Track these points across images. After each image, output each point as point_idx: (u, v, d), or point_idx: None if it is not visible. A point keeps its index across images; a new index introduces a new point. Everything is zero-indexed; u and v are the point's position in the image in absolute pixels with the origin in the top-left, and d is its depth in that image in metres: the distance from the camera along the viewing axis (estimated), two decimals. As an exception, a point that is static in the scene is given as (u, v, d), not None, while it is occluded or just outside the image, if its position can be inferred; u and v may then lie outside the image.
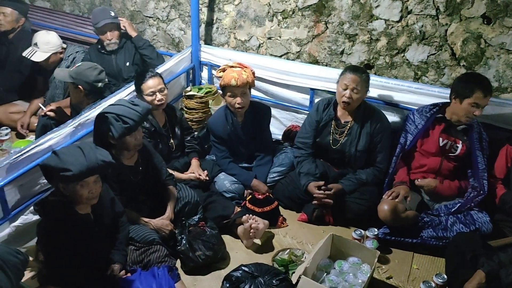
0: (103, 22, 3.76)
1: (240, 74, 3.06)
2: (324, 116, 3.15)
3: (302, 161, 3.20)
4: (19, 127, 3.94)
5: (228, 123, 3.25)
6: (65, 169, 2.07)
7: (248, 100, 3.20)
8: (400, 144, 3.03)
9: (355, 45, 3.50)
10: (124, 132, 2.50)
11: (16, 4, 4.12)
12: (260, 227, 2.86)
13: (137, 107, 2.57)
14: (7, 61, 4.21)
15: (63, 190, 2.18)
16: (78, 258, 2.28)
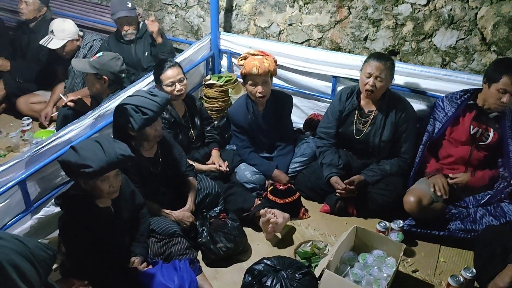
0: (119, 14, 3.75)
1: (262, 62, 2.99)
2: (347, 105, 3.06)
3: (325, 152, 3.13)
4: (43, 118, 3.95)
5: (249, 112, 3.20)
6: (85, 166, 2.05)
7: (270, 89, 3.13)
8: (427, 132, 2.93)
9: (379, 31, 3.38)
10: (144, 123, 2.47)
11: None
12: (279, 222, 2.81)
13: (156, 97, 2.53)
14: (27, 50, 4.22)
15: (84, 185, 2.16)
16: (99, 251, 2.27)
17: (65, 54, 3.86)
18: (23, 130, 3.87)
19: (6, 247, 1.35)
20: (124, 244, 2.44)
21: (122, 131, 2.57)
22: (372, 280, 2.41)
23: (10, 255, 1.34)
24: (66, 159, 2.11)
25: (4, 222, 2.40)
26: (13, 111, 4.19)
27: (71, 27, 3.83)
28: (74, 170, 2.09)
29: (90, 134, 2.74)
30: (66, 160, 2.11)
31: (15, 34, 4.38)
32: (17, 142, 3.76)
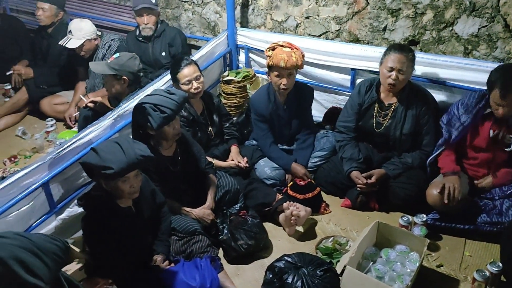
0: (141, 5, 3.79)
1: (290, 55, 2.97)
2: (367, 98, 3.01)
3: (345, 146, 3.09)
4: (68, 120, 4.02)
5: (270, 101, 3.19)
6: (105, 167, 2.07)
7: (294, 82, 3.12)
8: (444, 137, 2.81)
9: (398, 21, 3.31)
10: (163, 122, 2.48)
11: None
12: (301, 214, 2.80)
13: (174, 96, 2.54)
14: (48, 55, 4.31)
15: (105, 186, 2.19)
16: (122, 250, 2.31)
17: (84, 54, 3.91)
18: (47, 131, 3.95)
19: (9, 244, 1.41)
20: (146, 243, 2.46)
21: (141, 131, 2.59)
22: (395, 276, 2.38)
23: (13, 250, 1.39)
24: (87, 161, 2.15)
25: (30, 223, 2.46)
26: (37, 113, 4.28)
27: (89, 27, 3.88)
28: (96, 171, 2.12)
29: (110, 135, 2.77)
30: (87, 162, 2.14)
31: (35, 39, 4.47)
32: (41, 143, 3.84)
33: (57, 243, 1.60)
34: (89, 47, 3.90)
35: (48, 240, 1.56)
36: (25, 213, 2.40)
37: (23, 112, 4.28)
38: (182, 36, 4.02)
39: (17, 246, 1.42)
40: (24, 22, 4.92)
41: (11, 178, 2.26)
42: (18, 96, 4.24)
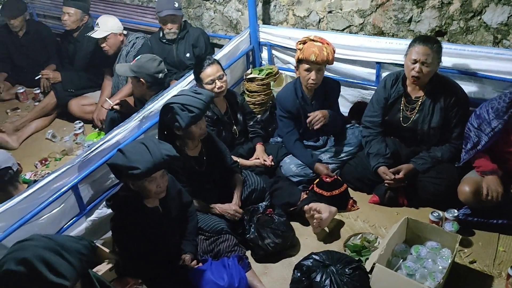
0: (165, 12, 3.81)
1: (321, 50, 2.93)
2: (393, 92, 2.95)
3: (371, 141, 3.04)
4: (97, 121, 4.08)
5: (297, 97, 3.16)
6: (133, 167, 2.09)
7: (322, 78, 3.08)
8: (472, 141, 2.70)
9: (424, 11, 3.22)
10: (191, 121, 2.49)
11: (79, 3, 4.27)
12: (323, 217, 2.76)
13: (201, 95, 2.55)
14: (74, 59, 4.40)
15: (132, 186, 2.22)
16: (150, 250, 2.33)
17: (108, 49, 3.97)
18: (75, 134, 4.03)
19: (34, 245, 1.47)
20: (174, 242, 2.48)
21: (168, 131, 2.61)
22: (427, 273, 2.33)
23: (37, 251, 1.44)
24: (114, 162, 2.17)
25: (61, 225, 2.52)
26: (65, 116, 4.37)
27: (116, 22, 3.96)
28: (123, 172, 2.15)
29: (136, 136, 2.80)
30: (114, 163, 2.17)
31: (61, 43, 4.56)
32: (70, 146, 3.92)
33: (83, 242, 1.64)
34: (114, 42, 3.96)
35: (72, 240, 1.61)
36: (56, 215, 2.45)
37: (52, 115, 4.38)
38: (205, 36, 4.03)
39: (41, 247, 1.47)
40: (51, 27, 5.03)
41: (41, 182, 2.31)
42: (46, 100, 4.34)
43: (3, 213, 2.16)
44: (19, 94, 4.70)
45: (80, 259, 1.55)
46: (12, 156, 2.51)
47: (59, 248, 1.49)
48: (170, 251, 2.45)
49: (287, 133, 3.24)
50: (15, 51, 4.72)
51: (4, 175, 2.35)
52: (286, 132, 3.24)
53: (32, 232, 2.25)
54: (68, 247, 1.53)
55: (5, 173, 2.36)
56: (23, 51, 4.70)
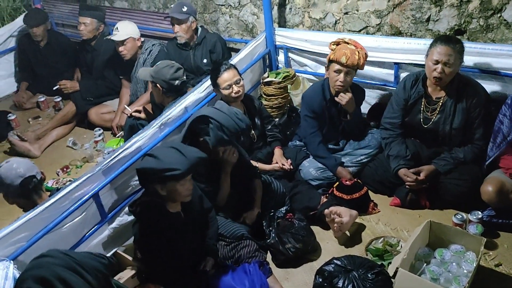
0: (171, 15, 3.86)
1: (353, 53, 2.91)
2: (413, 93, 2.91)
3: (391, 143, 3.00)
4: (115, 129, 4.13)
5: (324, 98, 3.14)
6: (172, 169, 2.12)
7: (351, 81, 3.07)
8: (502, 134, 2.64)
9: (442, 10, 3.17)
10: (221, 144, 2.50)
11: (95, 13, 4.33)
12: (344, 221, 2.73)
13: (241, 123, 2.54)
14: (92, 67, 4.46)
15: (161, 191, 2.22)
16: (172, 255, 2.34)
17: (126, 53, 4.01)
18: (95, 141, 4.08)
19: (53, 264, 1.50)
20: (195, 248, 2.49)
21: (193, 139, 2.60)
22: (451, 278, 2.29)
23: (56, 270, 1.47)
24: (147, 167, 2.19)
25: (83, 233, 2.54)
26: (85, 123, 4.43)
27: (134, 27, 4.03)
28: (158, 175, 2.16)
29: (155, 143, 2.82)
30: (147, 168, 2.19)
31: (79, 53, 4.62)
32: (91, 153, 3.97)
33: (101, 260, 1.67)
34: (132, 46, 4.00)
35: (91, 258, 1.64)
36: (78, 223, 2.48)
37: (72, 123, 4.43)
38: (222, 42, 4.04)
39: (60, 265, 1.49)
40: (69, 36, 5.11)
41: (63, 191, 2.34)
42: (67, 108, 4.41)
43: (27, 222, 2.19)
44: (40, 103, 4.77)
45: (97, 276, 1.58)
46: (35, 165, 2.55)
47: (77, 267, 1.52)
48: (192, 256, 2.46)
49: (311, 133, 3.21)
50: (36, 61, 4.80)
51: (28, 183, 2.39)
52: (310, 133, 3.21)
53: (56, 241, 2.30)
54: (85, 264, 1.56)
55: (29, 181, 2.39)
56: (44, 61, 4.78)
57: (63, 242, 2.36)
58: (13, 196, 2.40)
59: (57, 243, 2.28)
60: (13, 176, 2.34)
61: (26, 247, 2.19)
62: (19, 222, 2.17)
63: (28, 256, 2.10)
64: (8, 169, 2.35)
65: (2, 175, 2.34)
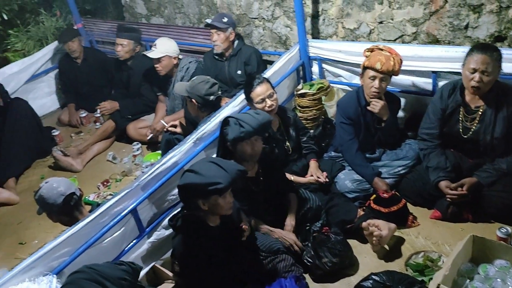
0: (211, 23, 3.91)
1: (388, 59, 2.89)
2: (450, 102, 2.83)
3: (429, 154, 2.92)
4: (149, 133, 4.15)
5: (360, 105, 3.11)
6: (214, 183, 2.15)
7: (386, 87, 3.03)
8: None
9: (481, 17, 3.09)
10: (239, 136, 2.51)
11: (131, 35, 4.47)
12: (383, 234, 2.67)
13: (258, 115, 2.59)
14: (129, 86, 4.60)
15: (203, 205, 2.25)
16: (211, 269, 2.35)
17: (161, 70, 4.09)
18: (134, 155, 4.17)
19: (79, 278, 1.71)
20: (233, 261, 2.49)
21: (224, 147, 2.63)
22: (496, 294, 2.20)
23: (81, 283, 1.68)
24: (189, 182, 2.21)
25: (122, 247, 2.60)
26: (124, 138, 4.55)
27: (172, 45, 4.09)
28: (201, 190, 2.19)
29: (191, 158, 2.85)
30: (189, 183, 2.21)
31: (116, 71, 4.77)
32: (130, 167, 4.06)
33: (123, 267, 1.81)
34: (167, 63, 4.07)
35: (113, 267, 1.79)
36: (118, 238, 2.54)
37: (112, 138, 4.57)
38: (258, 55, 4.07)
39: (85, 278, 1.69)
40: (109, 52, 5.29)
41: (103, 207, 2.40)
42: (106, 124, 4.55)
43: (70, 238, 2.27)
44: (82, 119, 4.95)
45: (122, 284, 1.71)
46: (72, 183, 2.63)
47: (101, 278, 1.67)
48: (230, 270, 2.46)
49: (348, 140, 3.16)
50: (75, 79, 4.99)
51: (70, 200, 2.47)
52: (347, 140, 3.17)
53: (96, 255, 2.37)
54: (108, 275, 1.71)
55: (70, 198, 2.47)
56: (83, 78, 4.96)
57: (103, 257, 2.42)
58: (57, 214, 2.49)
59: (97, 258, 2.34)
60: (55, 195, 2.42)
61: (68, 261, 2.27)
62: (62, 237, 2.25)
63: (70, 271, 2.16)
64: (50, 189, 2.43)
65: (45, 196, 2.42)
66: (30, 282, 1.75)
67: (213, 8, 4.66)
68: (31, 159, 4.45)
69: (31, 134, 4.39)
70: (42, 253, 2.18)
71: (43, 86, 5.40)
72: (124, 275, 1.77)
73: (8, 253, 3.37)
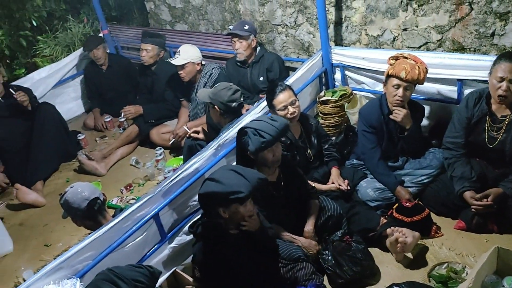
0: (233, 31, 3.95)
1: (413, 68, 2.85)
2: (476, 111, 2.78)
3: (454, 163, 2.87)
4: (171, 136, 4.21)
5: (382, 113, 3.08)
6: (235, 192, 2.17)
7: (410, 96, 3.00)
8: None
9: (508, 24, 3.03)
10: (261, 147, 2.51)
11: (156, 40, 4.53)
12: (408, 241, 2.64)
13: (275, 122, 2.58)
14: (153, 91, 4.66)
15: (223, 214, 2.26)
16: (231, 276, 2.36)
17: (184, 76, 4.13)
18: (156, 160, 4.22)
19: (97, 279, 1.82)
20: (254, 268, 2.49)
21: (244, 156, 2.64)
22: (522, 309, 2.15)
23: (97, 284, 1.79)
24: (210, 191, 2.23)
25: (144, 252, 2.63)
26: (147, 143, 4.61)
27: (196, 51, 4.13)
28: (221, 199, 2.20)
29: (212, 164, 2.87)
30: (210, 192, 2.23)
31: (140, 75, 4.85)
32: (152, 172, 4.11)
33: (141, 270, 1.88)
34: (190, 70, 4.11)
35: (131, 269, 1.87)
36: (140, 243, 2.57)
37: (135, 142, 4.63)
38: (280, 61, 4.08)
39: (101, 279, 1.80)
40: (133, 58, 5.39)
41: (125, 212, 2.44)
42: (130, 129, 4.62)
43: (93, 242, 2.31)
44: (107, 123, 5.04)
45: (136, 286, 1.78)
46: (97, 187, 2.67)
47: (116, 279, 1.77)
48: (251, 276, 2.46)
49: (370, 149, 3.13)
50: (101, 85, 5.09)
51: (93, 205, 2.51)
52: (369, 148, 3.13)
53: (119, 260, 2.40)
54: (124, 276, 1.79)
55: (94, 203, 2.51)
56: (108, 84, 5.05)
57: (126, 261, 2.43)
58: (81, 218, 2.54)
59: (120, 262, 2.35)
60: (79, 200, 2.47)
61: (91, 265, 2.30)
62: (86, 241, 2.29)
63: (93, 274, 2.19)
64: (74, 194, 2.48)
65: (70, 200, 2.47)
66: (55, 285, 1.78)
67: (236, 15, 4.69)
68: (58, 163, 4.56)
69: (58, 138, 4.50)
70: (67, 256, 2.22)
71: (69, 91, 5.53)
72: (140, 277, 1.82)
73: (34, 255, 3.46)
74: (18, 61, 5.56)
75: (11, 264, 3.42)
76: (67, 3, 5.83)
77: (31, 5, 5.44)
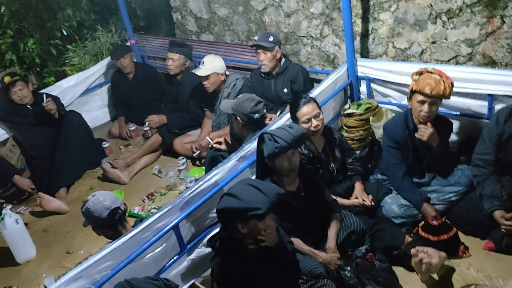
0: (258, 43, 3.94)
1: (438, 83, 2.77)
2: (507, 128, 2.68)
3: (483, 181, 2.77)
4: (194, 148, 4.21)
5: (408, 128, 3.00)
6: (253, 209, 2.14)
7: (436, 111, 2.90)
8: None
9: (542, 38, 2.93)
10: (274, 152, 2.49)
11: (182, 49, 4.56)
12: (433, 262, 2.55)
13: (291, 129, 2.56)
14: (177, 101, 4.69)
15: (241, 229, 2.23)
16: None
17: (209, 86, 4.15)
18: (179, 170, 4.23)
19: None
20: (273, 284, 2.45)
21: (263, 163, 2.63)
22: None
23: None
24: (228, 206, 2.20)
25: (163, 263, 2.62)
26: (170, 152, 4.63)
27: (220, 62, 4.15)
28: (240, 215, 2.17)
29: (234, 176, 2.84)
30: (229, 207, 2.20)
31: (165, 85, 4.88)
32: (174, 181, 4.12)
33: (157, 282, 1.88)
34: (214, 80, 4.13)
35: (147, 281, 1.88)
36: (159, 254, 2.56)
37: (158, 151, 4.66)
38: (305, 73, 4.05)
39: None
40: (159, 67, 5.44)
41: (145, 223, 2.43)
42: (153, 138, 4.65)
43: (112, 252, 2.31)
44: (131, 132, 5.09)
45: None
46: (118, 197, 2.67)
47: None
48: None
49: (395, 164, 3.06)
50: (126, 93, 5.16)
51: (114, 215, 2.51)
52: (394, 164, 3.06)
53: (137, 270, 2.40)
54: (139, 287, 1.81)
55: (115, 213, 2.51)
56: (133, 92, 5.11)
57: (144, 272, 2.44)
58: (102, 227, 2.54)
59: (138, 273, 2.36)
60: (100, 209, 2.47)
61: (110, 275, 2.30)
62: (105, 251, 2.29)
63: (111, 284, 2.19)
64: (96, 203, 2.49)
65: (91, 209, 2.48)
66: (74, 294, 1.81)
67: (261, 26, 4.69)
68: (83, 170, 4.63)
69: (83, 146, 4.56)
70: (86, 266, 2.23)
71: (96, 99, 5.63)
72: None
73: (56, 262, 3.50)
74: (48, 69, 5.70)
75: (34, 270, 3.46)
76: (97, 13, 5.97)
77: (62, 15, 5.58)
